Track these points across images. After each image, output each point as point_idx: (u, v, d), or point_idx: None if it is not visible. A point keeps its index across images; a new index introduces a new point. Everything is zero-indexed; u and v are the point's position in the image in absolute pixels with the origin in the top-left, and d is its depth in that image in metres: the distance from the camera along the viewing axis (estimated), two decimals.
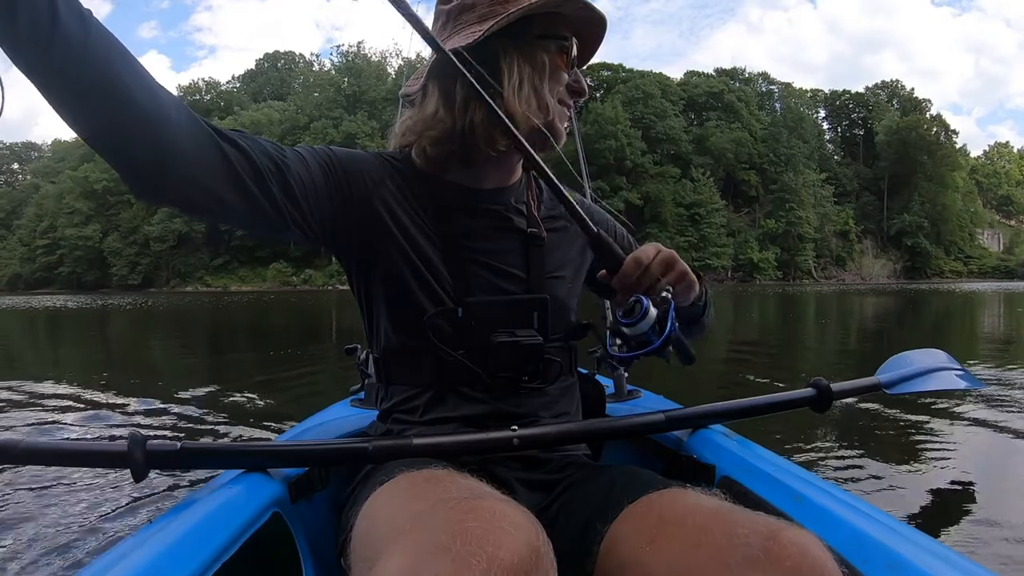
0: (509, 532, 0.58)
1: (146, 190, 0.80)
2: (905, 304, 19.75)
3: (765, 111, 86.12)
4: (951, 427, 3.52)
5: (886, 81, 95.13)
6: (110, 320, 18.23)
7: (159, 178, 0.78)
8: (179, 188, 0.80)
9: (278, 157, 0.91)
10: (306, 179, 0.93)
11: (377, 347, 1.08)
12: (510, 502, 0.65)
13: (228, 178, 0.83)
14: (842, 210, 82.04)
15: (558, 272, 1.09)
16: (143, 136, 0.73)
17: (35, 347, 11.10)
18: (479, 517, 0.59)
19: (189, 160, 0.79)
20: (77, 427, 3.90)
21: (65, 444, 1.02)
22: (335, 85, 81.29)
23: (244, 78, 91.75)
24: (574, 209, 0.96)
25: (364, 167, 1.02)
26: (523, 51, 0.99)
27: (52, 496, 2.49)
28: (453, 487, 0.73)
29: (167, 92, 0.76)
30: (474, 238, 1.04)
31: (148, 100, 0.73)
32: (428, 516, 0.63)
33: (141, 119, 0.72)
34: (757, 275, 72.56)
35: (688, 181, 74.08)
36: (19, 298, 47.21)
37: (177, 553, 0.73)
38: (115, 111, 0.71)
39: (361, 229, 1.00)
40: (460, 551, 0.55)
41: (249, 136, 0.90)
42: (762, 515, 0.68)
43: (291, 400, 4.65)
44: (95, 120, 0.71)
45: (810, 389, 1.30)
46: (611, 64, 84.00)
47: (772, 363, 6.91)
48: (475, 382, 1.00)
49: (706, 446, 1.15)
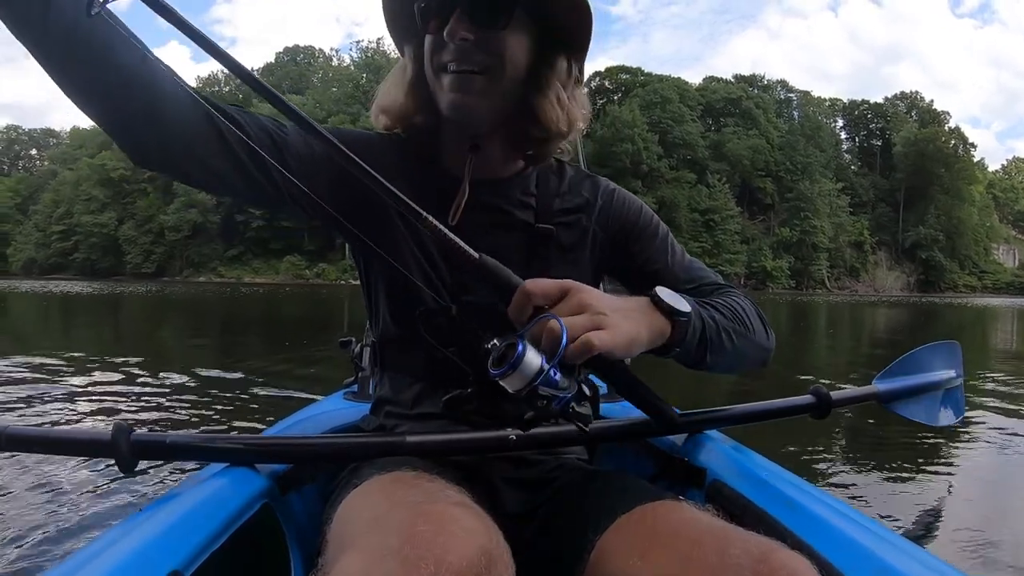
0: (459, 536, 0.58)
1: (143, 160, 0.82)
2: (918, 317, 19.68)
3: (783, 119, 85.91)
4: (953, 438, 3.52)
5: (905, 92, 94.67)
6: (124, 306, 18.45)
7: (156, 151, 0.81)
8: (174, 160, 0.82)
9: (277, 134, 0.90)
10: (306, 155, 0.91)
11: (376, 331, 1.06)
12: (466, 506, 0.65)
13: (223, 153, 0.84)
14: (857, 220, 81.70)
15: (565, 275, 0.98)
16: (138, 107, 0.75)
17: (48, 329, 11.18)
18: (430, 521, 0.60)
19: (184, 132, 0.80)
20: (72, 413, 3.91)
21: (50, 431, 1.00)
22: (354, 81, 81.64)
23: (263, 71, 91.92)
24: (448, 239, 0.78)
25: (367, 144, 1.00)
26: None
27: (38, 485, 2.48)
28: (413, 491, 0.72)
29: (164, 65, 0.76)
30: (471, 233, 0.93)
31: (142, 69, 0.74)
32: (384, 520, 0.63)
33: (137, 90, 0.74)
34: (770, 283, 72.31)
35: (704, 187, 73.97)
36: (35, 282, 47.73)
37: (165, 543, 0.72)
38: (110, 78, 0.73)
39: (361, 208, 0.96)
40: (409, 554, 0.56)
41: (249, 113, 0.88)
42: (754, 535, 0.67)
43: (306, 386, 4.67)
44: (91, 87, 0.74)
45: (809, 396, 1.29)
46: (630, 67, 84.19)
47: (780, 370, 6.86)
48: (465, 381, 0.96)
49: (699, 450, 1.14)
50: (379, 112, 1.01)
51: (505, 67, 0.90)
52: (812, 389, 1.31)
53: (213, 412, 3.94)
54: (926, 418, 1.61)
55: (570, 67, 0.98)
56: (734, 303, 0.97)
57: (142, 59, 0.74)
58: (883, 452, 3.30)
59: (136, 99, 0.75)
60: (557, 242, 1.01)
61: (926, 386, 1.61)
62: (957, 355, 1.74)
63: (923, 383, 1.61)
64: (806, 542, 0.79)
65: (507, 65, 0.90)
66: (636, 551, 0.73)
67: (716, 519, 0.74)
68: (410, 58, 0.96)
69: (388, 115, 0.99)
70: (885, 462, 3.09)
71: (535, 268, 0.96)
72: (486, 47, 0.88)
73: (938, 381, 1.64)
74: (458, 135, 0.97)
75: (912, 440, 3.43)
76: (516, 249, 0.98)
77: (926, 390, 1.61)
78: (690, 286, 1.02)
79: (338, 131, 0.99)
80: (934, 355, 1.70)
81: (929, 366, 1.66)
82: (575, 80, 0.99)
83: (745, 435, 1.19)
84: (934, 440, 3.44)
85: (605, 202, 1.05)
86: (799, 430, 3.38)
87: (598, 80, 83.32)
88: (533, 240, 1.00)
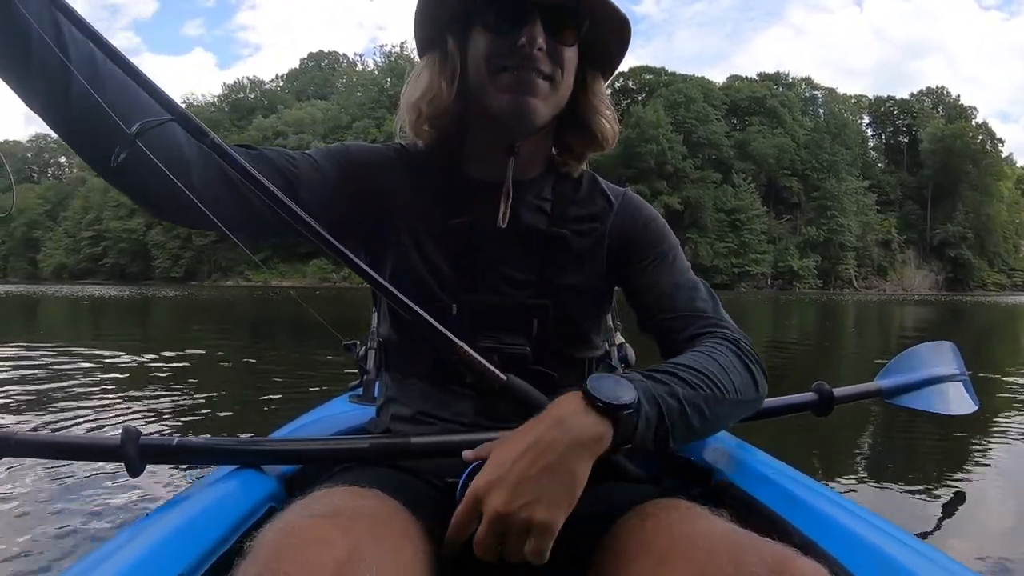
0: (311, 550, 0.58)
1: (158, 214, 0.86)
2: (946, 315, 19.24)
3: (808, 117, 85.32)
4: (972, 437, 3.37)
5: (931, 88, 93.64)
6: (153, 309, 18.54)
7: (173, 209, 0.84)
8: (191, 214, 0.82)
9: (288, 170, 0.91)
10: (318, 186, 0.93)
11: (382, 332, 1.08)
12: (331, 523, 0.64)
13: (238, 201, 0.86)
14: (885, 219, 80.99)
15: (575, 281, 1.00)
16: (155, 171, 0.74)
17: (79, 331, 11.19)
18: (293, 535, 0.60)
19: (199, 187, 0.80)
20: (92, 414, 3.88)
21: (59, 437, 1.02)
22: (378, 85, 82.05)
23: (288, 77, 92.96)
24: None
25: (377, 159, 1.01)
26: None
27: (46, 489, 2.46)
28: (332, 504, 0.70)
29: (179, 110, 0.76)
30: (481, 236, 0.98)
31: (157, 133, 0.74)
32: (266, 533, 0.63)
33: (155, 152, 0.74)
34: (797, 283, 71.87)
35: (729, 186, 73.63)
36: (68, 287, 48.53)
37: (172, 547, 0.72)
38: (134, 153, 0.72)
39: (371, 223, 0.99)
40: (262, 570, 0.57)
41: (260, 153, 0.90)
42: (768, 542, 0.66)
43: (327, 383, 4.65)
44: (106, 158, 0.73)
45: (812, 394, 1.29)
46: (653, 68, 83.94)
47: (807, 368, 6.78)
48: (464, 383, 0.96)
49: (704, 449, 1.12)
50: (414, 108, 0.98)
51: (564, 78, 0.93)
52: (815, 386, 1.30)
53: (231, 413, 3.94)
54: (938, 406, 1.56)
55: (603, 82, 1.02)
56: (713, 354, 0.88)
57: (164, 131, 0.75)
58: (891, 450, 3.20)
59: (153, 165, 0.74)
60: (569, 247, 1.00)
61: (930, 379, 1.59)
62: (956, 354, 1.72)
63: (927, 377, 1.58)
64: (815, 542, 0.79)
65: (566, 76, 0.93)
66: (650, 555, 0.71)
67: (730, 525, 0.72)
68: (455, 49, 0.95)
69: (431, 106, 0.96)
70: (894, 460, 2.99)
71: (547, 273, 0.98)
72: (553, 57, 0.91)
73: (942, 375, 1.61)
74: (492, 138, 0.97)
75: (924, 438, 3.33)
76: (528, 253, 0.99)
77: (931, 383, 1.58)
78: (669, 316, 0.97)
79: (347, 147, 1.01)
80: (932, 353, 1.67)
81: (929, 363, 1.64)
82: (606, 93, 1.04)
83: (747, 432, 1.16)
84: (950, 439, 3.31)
85: (619, 209, 1.04)
86: (807, 426, 3.23)
87: (622, 81, 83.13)
88: (545, 245, 1.00)
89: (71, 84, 0.69)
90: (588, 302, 1.02)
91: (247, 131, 74.99)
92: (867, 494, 2.49)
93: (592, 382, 0.73)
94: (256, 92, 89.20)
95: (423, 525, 0.75)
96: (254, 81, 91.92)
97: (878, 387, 1.51)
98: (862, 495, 2.47)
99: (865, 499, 2.42)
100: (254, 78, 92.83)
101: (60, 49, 0.67)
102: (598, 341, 1.08)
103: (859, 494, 2.48)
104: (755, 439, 1.14)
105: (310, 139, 67.70)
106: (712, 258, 68.20)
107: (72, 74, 0.68)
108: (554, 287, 0.99)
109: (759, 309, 22.18)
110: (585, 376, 1.01)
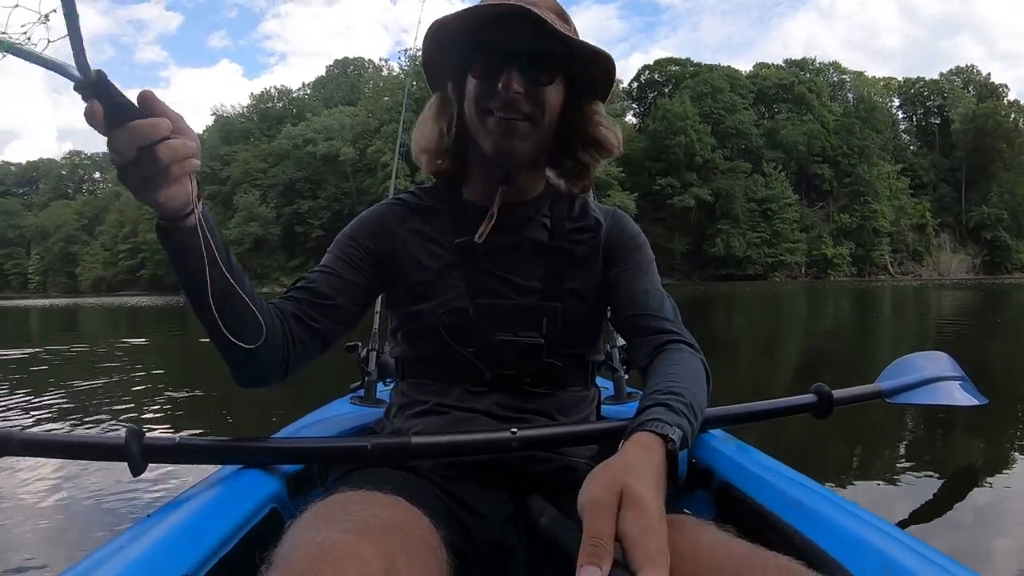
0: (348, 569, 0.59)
1: (249, 385, 1.00)
2: (986, 298, 18.68)
3: (837, 102, 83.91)
4: (981, 440, 3.22)
5: (961, 67, 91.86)
6: (189, 317, 19.05)
7: (259, 377, 1.00)
8: (275, 371, 1.00)
9: (333, 281, 1.06)
10: (350, 273, 1.08)
11: (393, 345, 1.18)
12: (365, 539, 0.64)
13: (311, 333, 1.04)
14: (918, 203, 79.44)
15: (576, 286, 1.11)
16: (264, 363, 0.96)
17: (110, 335, 11.66)
18: (324, 560, 0.60)
19: (281, 349, 0.98)
20: (103, 414, 4.03)
21: (62, 436, 1.03)
22: (404, 88, 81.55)
23: (315, 84, 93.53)
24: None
25: (382, 221, 1.13)
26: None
27: (49, 489, 2.51)
28: (354, 513, 0.71)
29: (265, 307, 0.94)
30: (491, 254, 1.08)
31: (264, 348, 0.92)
32: (298, 548, 0.63)
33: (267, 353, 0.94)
34: (831, 271, 70.92)
35: (759, 176, 72.57)
36: (107, 299, 49.93)
37: (174, 548, 0.72)
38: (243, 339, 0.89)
39: (391, 273, 1.11)
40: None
41: (308, 283, 1.06)
42: (774, 556, 0.65)
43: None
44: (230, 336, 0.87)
45: (811, 395, 1.29)
46: (678, 59, 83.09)
47: (846, 363, 6.61)
48: (480, 380, 1.05)
49: (704, 450, 1.13)
50: (422, 152, 1.13)
51: (545, 115, 1.02)
52: (814, 387, 1.30)
53: (230, 413, 4.03)
54: (944, 399, 1.58)
55: (599, 103, 1.11)
56: (688, 362, 0.98)
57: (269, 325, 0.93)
58: (894, 451, 3.10)
59: (271, 359, 0.95)
60: (571, 256, 1.12)
61: (931, 379, 1.61)
62: (953, 362, 1.75)
63: (927, 377, 1.61)
64: (816, 544, 0.78)
65: (547, 113, 1.03)
66: None
67: (736, 540, 0.71)
68: (452, 93, 1.09)
69: (434, 149, 1.12)
70: (897, 461, 2.91)
71: (552, 279, 1.09)
72: (532, 99, 1.00)
73: (941, 376, 1.64)
74: (489, 169, 1.09)
75: (927, 440, 3.26)
76: (534, 264, 1.10)
77: (932, 382, 1.61)
78: (638, 313, 1.07)
79: (351, 232, 1.13)
80: (928, 360, 1.70)
81: (926, 368, 1.66)
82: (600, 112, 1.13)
83: (746, 433, 1.17)
84: (954, 440, 3.26)
85: (610, 222, 1.17)
86: (805, 429, 3.21)
87: (648, 74, 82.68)
88: (548, 256, 1.11)
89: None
90: (589, 305, 1.12)
91: (277, 140, 75.79)
92: (867, 494, 2.46)
93: (658, 420, 0.79)
94: (284, 101, 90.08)
95: (442, 536, 0.77)
96: (281, 90, 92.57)
97: (878, 388, 1.53)
98: (862, 495, 2.45)
99: (865, 500, 2.38)
100: (281, 87, 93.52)
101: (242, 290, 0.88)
102: (600, 343, 1.20)
103: (859, 494, 2.46)
104: (755, 439, 1.14)
105: (339, 145, 68.27)
106: (745, 249, 67.33)
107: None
108: (559, 292, 1.09)
109: (791, 299, 21.72)
110: (591, 375, 1.16)
